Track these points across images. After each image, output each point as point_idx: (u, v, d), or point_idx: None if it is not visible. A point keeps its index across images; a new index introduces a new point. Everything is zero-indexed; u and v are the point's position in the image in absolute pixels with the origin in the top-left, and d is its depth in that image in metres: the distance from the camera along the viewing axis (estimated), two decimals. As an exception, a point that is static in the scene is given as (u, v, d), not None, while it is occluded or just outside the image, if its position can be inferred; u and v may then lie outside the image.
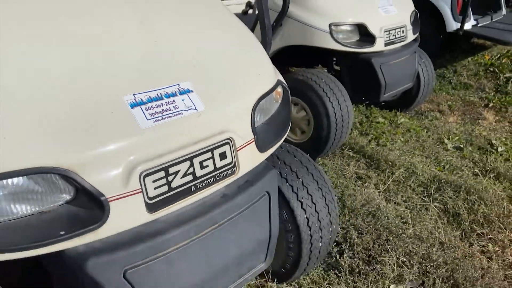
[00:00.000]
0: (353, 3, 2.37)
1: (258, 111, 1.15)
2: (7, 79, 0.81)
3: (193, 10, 1.31)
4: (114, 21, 1.04)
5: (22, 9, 0.95)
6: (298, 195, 1.38)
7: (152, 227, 0.90)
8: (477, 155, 2.59)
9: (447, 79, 3.83)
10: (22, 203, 0.80)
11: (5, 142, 0.74)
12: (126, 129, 0.86)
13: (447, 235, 1.89)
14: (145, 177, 0.86)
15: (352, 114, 2.36)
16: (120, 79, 0.92)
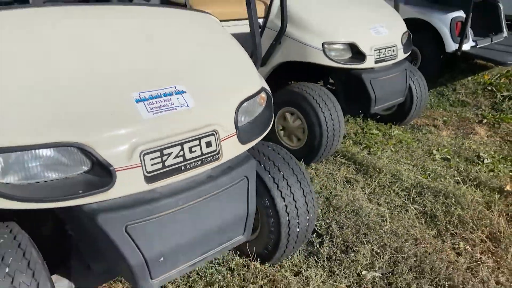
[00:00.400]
0: (346, 24, 2.63)
1: (242, 111, 1.41)
2: (45, 78, 1.10)
3: (192, 28, 1.60)
4: (126, 35, 1.34)
5: (56, 27, 1.25)
6: (279, 186, 1.63)
7: (149, 195, 1.16)
8: (463, 165, 2.78)
9: (446, 97, 4.02)
10: (52, 171, 1.07)
11: (41, 121, 1.03)
12: (131, 118, 1.13)
13: (422, 233, 2.09)
14: (144, 155, 1.13)
15: (343, 124, 2.60)
16: (129, 80, 1.20)
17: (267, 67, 2.73)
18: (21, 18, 1.25)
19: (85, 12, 1.40)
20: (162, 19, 1.58)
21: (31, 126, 1.02)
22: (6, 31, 1.17)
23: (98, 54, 1.23)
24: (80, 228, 1.18)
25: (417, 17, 4.17)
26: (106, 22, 1.39)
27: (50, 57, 1.16)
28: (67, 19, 1.32)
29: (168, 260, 1.22)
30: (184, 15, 1.69)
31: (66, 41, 1.22)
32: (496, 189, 2.51)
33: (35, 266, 1.07)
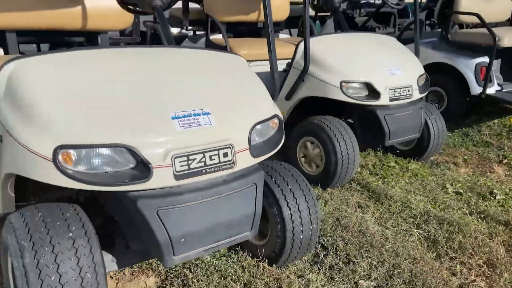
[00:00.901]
0: (362, 66, 2.96)
1: (256, 131, 1.76)
2: (107, 97, 1.52)
3: (222, 65, 2.01)
4: (169, 68, 1.76)
5: (116, 62, 1.69)
6: (286, 197, 1.94)
7: (176, 189, 1.52)
8: (474, 199, 2.94)
9: (470, 137, 4.17)
10: (108, 166, 1.46)
11: (102, 128, 1.43)
12: (167, 130, 1.51)
13: (422, 254, 2.29)
14: (174, 158, 1.50)
15: (358, 154, 2.88)
16: (169, 102, 1.60)
17: (292, 101, 3.09)
18: (91, 55, 1.72)
19: (139, 52, 1.85)
20: (199, 58, 2.01)
21: (96, 131, 1.43)
22: (81, 64, 1.63)
23: (147, 81, 1.65)
24: (124, 212, 1.55)
25: (444, 61, 4.41)
26: (155, 59, 1.83)
27: (112, 83, 1.59)
28: (125, 56, 1.77)
29: (187, 242, 1.55)
30: (217, 55, 2.11)
31: (123, 71, 1.66)
32: (502, 222, 2.66)
33: (90, 235, 1.45)
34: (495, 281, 2.12)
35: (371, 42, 3.34)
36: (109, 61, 1.72)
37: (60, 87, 1.53)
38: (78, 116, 1.46)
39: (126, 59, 1.79)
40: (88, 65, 1.65)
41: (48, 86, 1.52)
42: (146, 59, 1.83)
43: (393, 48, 3.40)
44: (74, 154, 1.41)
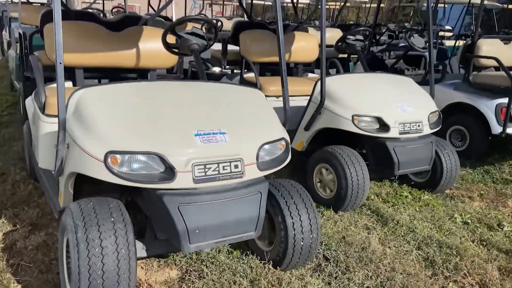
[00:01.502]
0: (374, 102, 3.29)
1: (264, 150, 2.15)
2: (147, 116, 2.00)
3: (242, 97, 2.45)
4: (199, 97, 2.23)
5: (160, 90, 2.18)
6: (289, 208, 2.28)
7: (194, 190, 1.93)
8: (480, 229, 3.10)
9: (490, 174, 4.29)
10: (143, 169, 1.91)
11: (141, 139, 1.89)
12: (190, 144, 1.94)
13: (417, 271, 2.51)
14: (194, 166, 1.91)
15: (368, 180, 3.16)
16: (194, 122, 2.04)
17: (311, 131, 3.47)
18: (138, 86, 2.22)
19: (176, 84, 2.34)
20: (223, 90, 2.47)
21: (136, 142, 1.89)
22: (129, 92, 2.14)
23: (178, 106, 2.12)
24: (153, 207, 1.97)
25: (466, 102, 4.63)
26: (188, 89, 2.31)
27: (151, 106, 2.07)
28: (164, 87, 2.27)
29: (201, 233, 1.94)
30: (239, 89, 2.57)
31: (161, 98, 2.14)
32: (503, 250, 2.81)
33: (127, 222, 1.87)
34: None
35: (385, 81, 3.69)
36: (151, 91, 2.22)
37: (112, 109, 2.03)
38: (124, 130, 1.93)
39: (165, 89, 2.28)
40: (134, 93, 2.16)
41: (104, 108, 2.03)
42: (180, 89, 2.32)
43: (407, 87, 3.71)
44: (119, 158, 1.86)
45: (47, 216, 2.83)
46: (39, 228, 2.68)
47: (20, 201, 3.03)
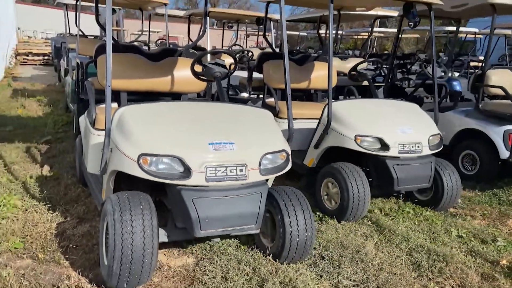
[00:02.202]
0: (375, 124, 3.68)
1: (266, 158, 2.62)
2: (171, 127, 2.53)
3: (253, 116, 2.95)
4: (216, 114, 2.76)
5: (186, 108, 2.73)
6: (288, 208, 2.71)
7: (206, 187, 2.41)
8: (473, 242, 3.36)
9: (497, 197, 4.49)
10: (166, 169, 2.43)
11: (165, 145, 2.42)
12: (204, 150, 2.45)
13: (403, 271, 2.83)
14: (206, 168, 2.41)
15: (368, 193, 3.50)
16: (208, 134, 2.55)
17: (320, 149, 3.90)
18: (168, 105, 2.79)
19: (200, 104, 2.88)
20: (238, 110, 2.98)
21: (162, 147, 2.42)
22: (160, 110, 2.70)
23: (199, 121, 2.65)
24: (174, 200, 2.48)
25: (476, 128, 4.89)
26: (209, 109, 2.84)
27: (177, 120, 2.62)
28: (190, 106, 2.82)
29: (209, 222, 2.40)
30: (251, 109, 3.07)
31: (186, 114, 2.69)
32: (489, 260, 3.07)
33: (152, 210, 2.37)
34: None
35: (390, 106, 4.08)
36: (177, 108, 2.77)
37: (145, 122, 2.59)
38: (153, 138, 2.47)
39: (188, 107, 2.83)
40: (163, 111, 2.72)
41: (138, 122, 2.59)
42: (201, 108, 2.86)
43: (410, 112, 4.08)
44: (149, 159, 2.39)
45: (92, 213, 3.39)
46: (85, 221, 3.25)
47: (71, 200, 3.63)
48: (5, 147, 5.04)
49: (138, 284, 2.36)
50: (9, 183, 3.88)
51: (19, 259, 2.68)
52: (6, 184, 3.86)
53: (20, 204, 3.42)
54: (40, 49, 19.25)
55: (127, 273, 2.25)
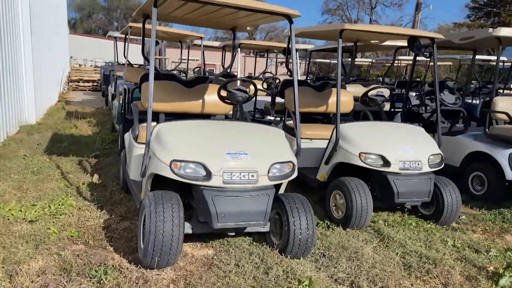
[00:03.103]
0: (378, 143, 4.14)
1: (274, 167, 3.17)
2: (197, 138, 3.16)
3: (266, 132, 3.53)
4: (233, 130, 3.36)
5: (210, 126, 3.37)
6: (292, 210, 3.22)
7: (223, 188, 2.98)
8: (467, 251, 3.70)
9: (503, 215, 4.76)
10: (192, 174, 3.03)
11: (191, 153, 3.03)
12: (223, 159, 3.04)
13: (393, 269, 3.24)
14: (223, 172, 2.99)
15: (371, 204, 3.94)
16: (227, 145, 3.15)
17: (329, 165, 4.40)
18: (197, 123, 3.42)
19: (223, 123, 3.50)
20: (255, 128, 3.58)
21: (189, 155, 3.04)
22: (190, 126, 3.34)
23: (220, 135, 3.27)
24: (197, 197, 3.06)
25: (484, 151, 5.21)
26: (231, 126, 3.46)
27: (202, 134, 3.24)
28: (215, 124, 3.45)
29: (225, 217, 2.96)
30: (267, 127, 3.65)
31: (211, 130, 3.31)
32: (477, 266, 3.41)
33: (180, 205, 2.96)
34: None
35: (395, 128, 4.55)
36: (204, 125, 3.40)
37: (176, 135, 3.23)
38: (183, 148, 3.10)
39: (214, 125, 3.45)
40: (192, 127, 3.35)
41: (171, 135, 3.23)
42: (223, 125, 3.47)
43: (414, 134, 4.52)
44: (178, 164, 3.01)
45: (131, 213, 4.04)
46: (126, 219, 3.89)
47: (115, 202, 4.31)
48: (62, 160, 5.88)
49: (166, 265, 2.93)
50: (65, 188, 4.64)
51: (74, 244, 3.34)
52: (64, 188, 4.61)
53: (75, 204, 4.12)
54: (90, 76, 20.93)
55: (158, 253, 2.83)
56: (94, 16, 60.83)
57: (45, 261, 2.96)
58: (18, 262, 2.92)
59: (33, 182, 4.78)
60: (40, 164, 5.54)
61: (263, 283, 2.85)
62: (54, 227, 3.56)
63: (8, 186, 4.55)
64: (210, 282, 2.83)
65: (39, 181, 4.83)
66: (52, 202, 4.07)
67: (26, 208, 3.89)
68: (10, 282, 2.66)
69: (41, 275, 2.75)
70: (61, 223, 3.67)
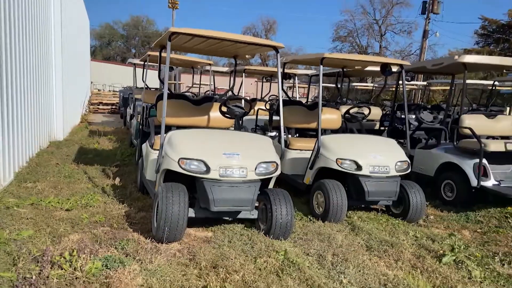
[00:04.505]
0: (352, 151, 4.96)
1: (261, 165, 4.02)
2: (201, 142, 4.04)
3: (257, 139, 4.40)
4: (231, 137, 4.25)
5: (213, 134, 4.27)
6: (275, 201, 4.04)
7: (219, 180, 3.84)
8: (423, 240, 4.43)
9: (467, 216, 5.46)
10: (197, 168, 3.90)
11: (195, 152, 3.91)
12: (219, 158, 3.91)
13: (357, 248, 4.00)
14: (219, 168, 3.85)
15: (346, 201, 4.73)
16: (224, 148, 4.02)
17: (313, 170, 5.22)
18: (201, 131, 4.32)
19: (222, 131, 4.39)
20: (248, 136, 4.45)
21: (193, 153, 3.92)
22: (195, 133, 4.24)
23: (219, 140, 4.15)
24: (198, 187, 3.92)
25: (453, 161, 5.97)
26: (227, 133, 4.35)
27: (205, 139, 4.13)
28: (215, 131, 4.34)
29: (220, 202, 3.80)
30: (256, 135, 4.52)
31: (211, 135, 4.22)
32: (429, 249, 4.14)
33: (185, 193, 3.82)
34: (392, 263, 3.74)
35: (369, 139, 5.37)
36: (206, 133, 4.30)
37: (183, 140, 4.11)
38: (188, 149, 3.98)
39: (214, 133, 4.34)
40: (197, 134, 4.25)
41: (180, 139, 4.12)
42: (222, 133, 4.36)
43: (386, 144, 5.33)
44: (184, 161, 3.88)
45: (147, 207, 4.90)
46: (142, 211, 4.75)
47: (133, 199, 5.19)
48: (88, 167, 6.83)
49: (174, 239, 3.76)
50: (93, 188, 5.56)
51: (102, 226, 4.20)
52: (91, 188, 5.53)
53: (101, 199, 5.02)
54: (109, 99, 22.27)
55: (168, 229, 3.67)
56: (113, 44, 63.60)
57: (81, 236, 3.82)
58: (61, 235, 3.79)
59: (66, 183, 5.71)
60: (71, 170, 6.50)
61: (248, 253, 3.65)
62: (86, 214, 4.44)
63: (46, 185, 5.48)
64: (207, 251, 3.64)
65: (71, 183, 5.76)
66: (82, 197, 4.97)
67: (62, 201, 4.79)
68: (54, 246, 3.51)
69: (79, 243, 3.61)
70: (91, 212, 4.55)
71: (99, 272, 3.05)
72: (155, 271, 3.17)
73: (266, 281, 3.15)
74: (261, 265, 3.40)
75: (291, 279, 3.22)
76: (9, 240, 3.56)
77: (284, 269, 3.36)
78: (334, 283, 3.23)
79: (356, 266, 3.56)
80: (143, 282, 3.03)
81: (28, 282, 2.83)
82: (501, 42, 40.11)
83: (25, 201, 4.69)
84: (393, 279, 3.38)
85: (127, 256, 3.42)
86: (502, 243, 4.58)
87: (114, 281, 2.96)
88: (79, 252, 3.24)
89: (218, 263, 3.37)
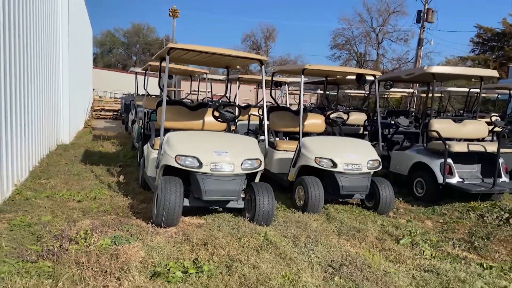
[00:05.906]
0: (330, 151, 5.63)
1: (246, 161, 4.69)
2: (193, 141, 4.73)
3: (243, 140, 5.08)
4: (220, 137, 4.94)
5: (204, 135, 4.95)
6: (259, 192, 4.71)
7: (210, 174, 4.51)
8: (389, 228, 5.09)
9: (433, 209, 6.12)
10: (191, 163, 4.57)
11: (188, 150, 4.59)
12: (210, 155, 4.58)
13: (329, 233, 4.65)
14: (210, 163, 4.52)
15: (323, 194, 5.40)
16: (214, 147, 4.70)
17: (296, 167, 5.89)
18: (195, 132, 5.01)
19: (214, 132, 5.08)
20: (236, 137, 5.15)
21: (187, 151, 4.60)
22: (190, 134, 4.93)
23: (210, 140, 4.83)
24: (192, 180, 4.58)
25: (423, 161, 6.64)
26: (218, 135, 5.03)
27: (199, 140, 4.82)
28: (207, 133, 5.04)
29: (211, 192, 4.47)
30: (244, 137, 5.20)
31: (203, 136, 4.90)
32: (390, 234, 4.80)
33: (181, 184, 4.48)
34: (356, 244, 4.40)
35: (344, 141, 6.05)
36: (199, 134, 4.99)
37: (180, 139, 4.79)
38: (184, 147, 4.66)
39: (207, 134, 5.03)
40: (190, 134, 4.94)
41: (177, 139, 4.80)
42: (213, 134, 5.04)
43: (360, 145, 6.02)
44: (180, 157, 4.56)
45: (148, 200, 5.56)
46: (144, 203, 5.41)
47: (136, 193, 5.86)
48: (94, 167, 7.52)
49: (171, 224, 4.42)
50: (100, 184, 6.24)
51: (109, 215, 4.86)
52: (98, 184, 6.21)
53: (107, 193, 5.69)
54: (111, 106, 22.99)
55: (166, 215, 4.33)
56: (114, 51, 64.56)
57: (92, 221, 4.48)
58: (75, 220, 4.45)
59: (76, 180, 6.39)
60: (79, 169, 7.18)
61: (234, 234, 4.31)
62: (95, 204, 5.11)
63: (58, 182, 6.16)
64: (199, 233, 4.30)
65: (80, 180, 6.44)
66: (91, 191, 5.64)
67: (74, 194, 5.47)
68: (70, 227, 4.17)
69: (91, 225, 4.27)
70: (99, 203, 5.22)
71: (109, 247, 3.71)
72: (155, 247, 3.83)
73: (247, 255, 3.81)
74: (244, 243, 4.06)
75: (268, 253, 3.88)
76: (32, 223, 4.23)
77: (263, 246, 4.02)
78: (303, 257, 3.89)
79: (325, 246, 4.22)
80: (145, 254, 3.68)
81: (51, 252, 3.49)
82: (496, 49, 41.00)
83: (41, 194, 5.36)
84: (354, 255, 4.04)
85: (131, 236, 4.08)
86: (459, 231, 5.23)
87: (121, 253, 3.61)
88: (92, 232, 3.91)
89: (208, 241, 4.03)
